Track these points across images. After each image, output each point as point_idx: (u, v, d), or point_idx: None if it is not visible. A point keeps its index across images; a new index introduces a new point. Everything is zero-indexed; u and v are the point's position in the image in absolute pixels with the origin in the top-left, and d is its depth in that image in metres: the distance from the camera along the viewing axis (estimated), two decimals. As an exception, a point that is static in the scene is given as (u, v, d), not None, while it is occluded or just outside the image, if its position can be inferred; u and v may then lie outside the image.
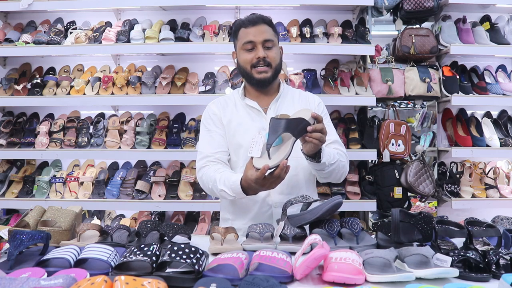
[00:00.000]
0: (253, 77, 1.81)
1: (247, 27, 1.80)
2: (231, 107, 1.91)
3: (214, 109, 1.92)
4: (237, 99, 1.93)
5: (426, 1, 2.97)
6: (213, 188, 1.74)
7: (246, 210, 1.83)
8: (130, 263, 1.24)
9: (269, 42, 1.79)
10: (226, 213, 1.92)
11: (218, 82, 2.99)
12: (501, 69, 3.18)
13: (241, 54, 1.82)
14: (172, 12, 3.22)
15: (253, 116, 1.87)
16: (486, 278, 1.22)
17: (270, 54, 1.79)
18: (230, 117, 1.88)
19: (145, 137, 2.96)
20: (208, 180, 1.76)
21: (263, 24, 1.80)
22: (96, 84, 2.97)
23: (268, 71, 1.80)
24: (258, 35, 1.78)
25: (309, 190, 1.87)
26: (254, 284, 1.06)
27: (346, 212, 2.95)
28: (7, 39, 3.07)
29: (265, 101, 1.88)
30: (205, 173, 1.79)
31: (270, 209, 1.81)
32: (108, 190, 2.91)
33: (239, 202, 1.84)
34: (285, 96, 1.92)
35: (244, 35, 1.80)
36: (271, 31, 1.83)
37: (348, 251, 1.21)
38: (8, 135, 3.06)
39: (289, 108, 1.87)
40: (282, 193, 1.79)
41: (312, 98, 1.98)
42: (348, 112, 3.16)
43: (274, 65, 1.82)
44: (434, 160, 3.25)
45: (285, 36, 2.95)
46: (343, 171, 1.81)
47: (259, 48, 1.78)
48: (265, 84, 1.83)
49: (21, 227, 1.57)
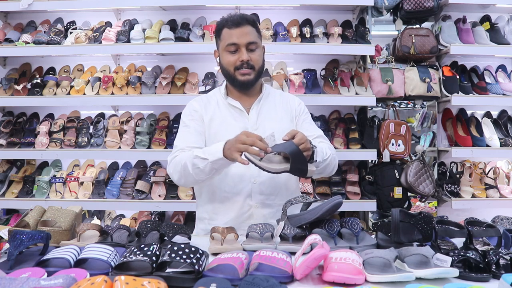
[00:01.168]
0: (236, 79, 1.82)
1: (231, 28, 1.80)
2: (213, 105, 1.91)
3: (195, 106, 1.92)
4: (219, 98, 1.93)
5: (426, 1, 2.97)
6: (187, 161, 1.68)
7: (225, 209, 1.82)
8: (130, 263, 1.24)
9: (253, 44, 1.80)
10: (203, 212, 1.90)
11: (218, 82, 2.99)
12: (501, 69, 3.18)
13: (224, 55, 1.83)
14: (172, 12, 3.22)
15: (235, 116, 1.88)
16: (486, 278, 1.22)
17: (253, 56, 1.80)
18: (212, 115, 1.88)
19: (145, 137, 2.96)
20: (180, 160, 1.72)
21: (247, 25, 1.80)
22: (96, 84, 2.97)
23: (251, 73, 1.81)
24: (242, 37, 1.78)
25: (289, 190, 1.87)
26: (254, 284, 1.06)
27: (346, 212, 2.95)
28: (7, 39, 3.07)
29: (248, 101, 1.90)
30: (176, 157, 1.76)
31: (250, 209, 1.81)
32: (108, 190, 2.91)
33: (219, 201, 1.83)
34: (267, 97, 1.94)
35: (227, 36, 1.80)
36: (255, 32, 1.83)
37: (348, 251, 1.21)
38: (8, 135, 3.06)
39: (271, 109, 1.91)
40: (262, 194, 1.80)
41: (292, 99, 2.01)
42: (348, 112, 3.16)
43: (257, 68, 1.83)
44: (434, 160, 3.25)
45: (285, 36, 2.95)
46: (335, 163, 1.85)
47: (243, 51, 1.78)
48: (247, 86, 1.85)
49: (21, 227, 1.57)
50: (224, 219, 1.81)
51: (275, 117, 1.90)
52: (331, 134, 2.95)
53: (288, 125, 1.90)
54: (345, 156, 2.92)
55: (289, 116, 1.94)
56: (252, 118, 1.87)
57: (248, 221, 1.77)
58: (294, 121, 1.94)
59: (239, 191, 1.80)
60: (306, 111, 1.99)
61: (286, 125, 1.88)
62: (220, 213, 1.84)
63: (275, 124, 1.86)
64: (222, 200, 1.83)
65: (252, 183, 1.80)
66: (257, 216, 1.80)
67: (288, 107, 1.96)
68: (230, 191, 1.81)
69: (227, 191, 1.82)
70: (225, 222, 1.77)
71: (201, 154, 1.65)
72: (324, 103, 2.93)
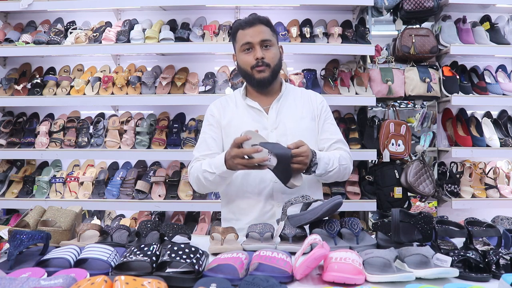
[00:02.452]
0: (253, 77, 1.82)
1: (245, 28, 1.80)
2: (231, 107, 1.92)
3: (213, 110, 1.93)
4: (238, 99, 1.93)
5: (426, 1, 2.97)
6: (198, 174, 1.78)
7: (249, 209, 1.84)
8: (130, 263, 1.24)
9: (267, 42, 1.80)
10: (228, 212, 1.92)
11: (218, 82, 2.99)
12: (501, 69, 3.18)
13: (240, 56, 1.83)
14: (172, 12, 3.22)
15: (254, 116, 1.87)
16: (486, 278, 1.22)
17: (268, 54, 1.80)
18: (231, 117, 1.89)
19: (145, 137, 2.96)
20: (195, 170, 1.81)
21: (260, 24, 1.81)
22: (96, 84, 2.97)
23: (266, 70, 1.80)
24: (255, 36, 1.79)
25: (311, 189, 1.87)
26: (254, 284, 1.06)
27: (346, 212, 2.95)
28: (7, 39, 3.07)
29: (267, 101, 1.89)
30: (192, 168, 1.85)
31: (272, 208, 1.82)
32: (108, 190, 2.91)
33: (242, 202, 1.85)
34: (287, 95, 1.92)
35: (242, 37, 1.81)
36: (269, 31, 1.83)
37: (348, 251, 1.21)
38: (8, 135, 3.06)
39: (291, 108, 1.89)
40: (284, 193, 1.80)
41: (314, 96, 1.98)
42: (348, 112, 3.16)
43: (273, 65, 1.82)
44: (434, 160, 3.25)
45: (285, 36, 2.95)
46: (345, 172, 1.84)
47: (257, 49, 1.78)
48: (265, 85, 1.84)
49: (21, 227, 1.57)
50: (248, 218, 1.82)
51: (296, 116, 1.87)
52: (331, 134, 2.95)
53: (309, 123, 1.88)
54: (345, 156, 2.91)
55: (311, 114, 1.90)
56: (271, 117, 1.85)
57: (271, 220, 1.78)
58: (316, 120, 1.91)
59: (261, 191, 1.82)
60: (328, 110, 1.96)
61: (307, 124, 1.87)
62: (244, 213, 1.85)
63: (295, 122, 1.85)
64: (245, 200, 1.84)
65: (273, 182, 1.79)
66: (279, 215, 1.79)
67: (309, 105, 1.92)
68: (252, 192, 1.82)
69: (249, 192, 1.83)
70: (249, 222, 1.76)
71: (208, 169, 1.73)
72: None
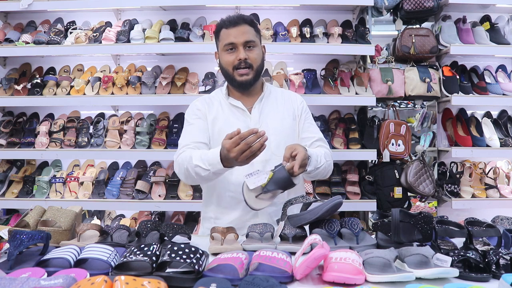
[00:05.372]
0: (234, 79, 1.83)
1: (228, 27, 1.81)
2: (216, 105, 1.93)
3: (199, 105, 1.94)
4: (221, 98, 1.95)
5: (426, 1, 2.97)
6: (188, 166, 1.70)
7: (231, 209, 1.84)
8: (130, 263, 1.24)
9: (250, 43, 1.81)
10: (209, 211, 1.92)
11: (218, 82, 2.99)
12: (501, 69, 3.18)
13: (223, 55, 1.84)
14: (172, 12, 3.22)
15: (238, 116, 1.89)
16: (486, 278, 1.22)
17: (251, 55, 1.81)
18: (216, 115, 1.90)
19: (145, 137, 2.96)
20: (184, 160, 1.73)
21: (244, 24, 1.81)
22: (96, 84, 2.97)
23: (249, 73, 1.82)
24: (239, 36, 1.79)
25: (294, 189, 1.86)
26: (254, 284, 1.06)
27: (346, 212, 2.95)
28: (7, 39, 3.07)
29: (249, 100, 1.91)
30: (181, 155, 1.77)
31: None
32: (108, 190, 2.91)
33: (224, 201, 1.85)
34: (269, 95, 1.95)
35: (225, 36, 1.81)
36: (253, 31, 1.84)
37: (348, 251, 1.21)
38: (8, 135, 3.05)
39: (273, 108, 1.91)
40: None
41: (294, 97, 2.02)
42: (348, 112, 3.16)
43: (256, 66, 1.83)
44: (434, 160, 3.25)
45: (285, 36, 2.95)
46: (329, 169, 1.87)
47: (240, 50, 1.79)
48: (246, 86, 1.86)
49: (21, 227, 1.57)
50: (230, 218, 1.82)
51: (278, 115, 1.91)
52: (331, 134, 2.95)
53: (291, 123, 1.92)
54: (345, 156, 2.92)
55: (292, 114, 1.95)
56: (254, 117, 1.88)
57: (254, 219, 1.79)
58: (297, 119, 1.95)
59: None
60: (307, 110, 2.01)
61: (289, 123, 1.91)
62: (226, 213, 1.85)
63: (278, 122, 1.88)
64: (228, 200, 1.84)
65: None
66: (262, 215, 1.80)
67: (290, 105, 1.96)
68: (235, 191, 1.82)
69: (232, 191, 1.83)
70: (230, 221, 1.78)
71: (201, 164, 1.65)
72: (324, 103, 2.93)
